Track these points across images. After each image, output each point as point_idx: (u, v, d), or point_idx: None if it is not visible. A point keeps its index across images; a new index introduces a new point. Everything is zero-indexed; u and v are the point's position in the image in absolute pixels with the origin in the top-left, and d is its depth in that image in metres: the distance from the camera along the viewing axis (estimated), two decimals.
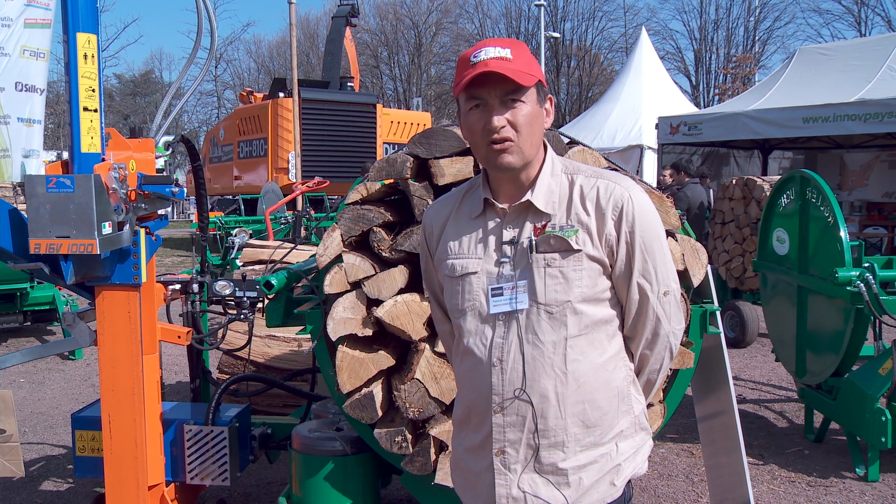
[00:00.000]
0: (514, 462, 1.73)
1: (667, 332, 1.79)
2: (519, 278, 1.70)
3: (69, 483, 4.38)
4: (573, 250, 1.69)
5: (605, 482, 1.75)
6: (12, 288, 7.69)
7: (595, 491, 1.73)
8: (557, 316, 1.69)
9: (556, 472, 1.72)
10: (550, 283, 1.69)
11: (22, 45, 7.88)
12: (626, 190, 1.72)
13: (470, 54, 1.67)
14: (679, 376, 3.10)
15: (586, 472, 1.72)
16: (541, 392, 1.69)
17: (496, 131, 1.65)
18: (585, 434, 1.72)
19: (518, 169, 1.71)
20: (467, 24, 44.52)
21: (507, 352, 1.71)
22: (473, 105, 1.68)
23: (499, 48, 1.65)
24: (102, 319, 2.77)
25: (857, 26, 35.52)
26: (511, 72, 1.62)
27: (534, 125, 1.68)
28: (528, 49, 1.73)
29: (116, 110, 45.08)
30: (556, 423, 1.70)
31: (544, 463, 1.72)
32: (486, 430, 1.75)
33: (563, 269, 1.69)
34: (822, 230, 4.75)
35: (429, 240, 1.91)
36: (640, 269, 1.72)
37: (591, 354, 1.72)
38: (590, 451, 1.73)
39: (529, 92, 1.67)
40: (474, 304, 1.75)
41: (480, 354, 1.74)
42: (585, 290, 1.70)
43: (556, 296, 1.68)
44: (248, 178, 18.07)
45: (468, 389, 1.80)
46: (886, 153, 14.56)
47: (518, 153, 1.68)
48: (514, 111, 1.65)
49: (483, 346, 1.74)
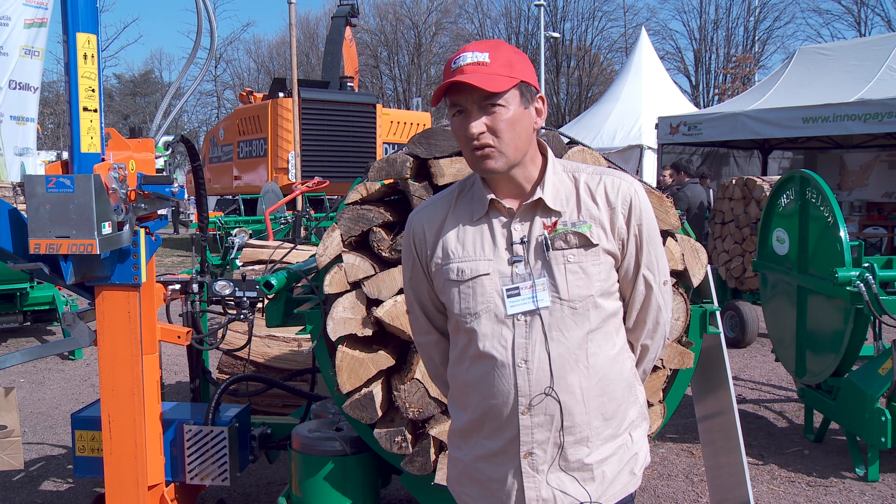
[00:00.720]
0: (541, 463, 1.72)
1: (665, 321, 1.85)
2: (537, 276, 1.70)
3: (69, 483, 4.38)
4: (592, 245, 1.70)
5: (626, 472, 1.78)
6: (12, 288, 7.69)
7: (617, 482, 1.77)
8: (581, 311, 1.70)
9: (582, 467, 1.73)
10: (572, 278, 1.69)
11: (21, 44, 7.88)
12: (630, 185, 1.76)
13: (452, 60, 1.67)
14: (679, 376, 3.10)
15: (608, 464, 1.75)
16: (567, 388, 1.70)
17: (475, 138, 1.65)
18: (605, 426, 1.74)
19: (502, 172, 1.70)
20: (467, 24, 44.58)
21: (531, 351, 1.69)
22: (456, 111, 1.69)
23: (477, 53, 1.64)
24: (102, 319, 2.77)
25: (856, 26, 35.57)
26: (484, 79, 1.60)
27: (516, 128, 1.66)
28: (510, 49, 1.69)
29: (116, 110, 45.09)
30: (581, 419, 1.71)
31: (570, 460, 1.72)
32: (508, 434, 1.72)
33: (582, 263, 1.70)
34: (822, 230, 4.75)
35: (419, 246, 1.85)
36: (646, 261, 1.77)
37: (606, 346, 1.74)
38: (609, 443, 1.75)
39: (509, 95, 1.65)
40: (489, 307, 1.72)
41: (501, 357, 1.70)
42: (603, 284, 1.72)
43: (579, 291, 1.69)
44: (248, 178, 18.07)
45: (482, 395, 1.74)
46: (886, 153, 14.57)
47: (500, 157, 1.67)
48: (493, 116, 1.64)
49: (503, 347, 1.71)
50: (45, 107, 33.89)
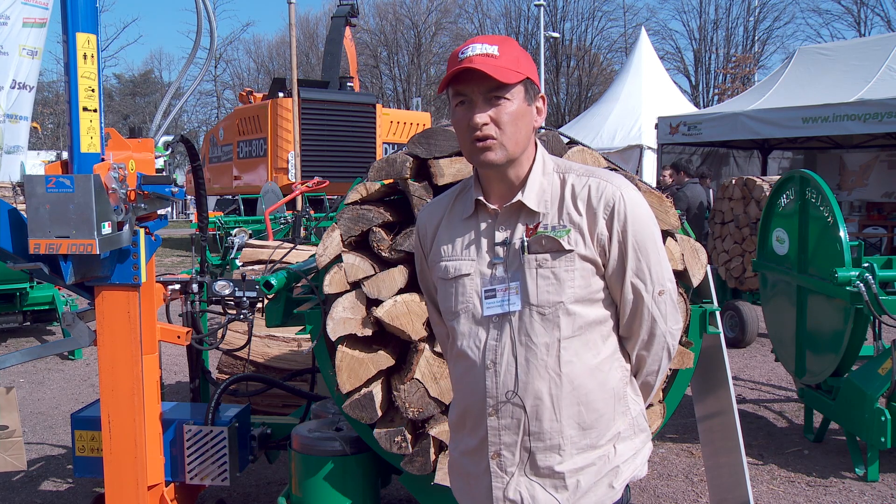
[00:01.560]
0: (510, 465, 1.72)
1: (663, 332, 1.77)
2: (511, 280, 1.69)
3: (69, 483, 4.38)
4: (564, 251, 1.67)
5: (604, 484, 1.73)
6: (12, 288, 7.69)
7: (593, 494, 1.72)
8: (550, 317, 1.67)
9: (553, 475, 1.71)
10: (542, 283, 1.67)
11: (20, 44, 7.88)
12: (617, 188, 1.70)
13: (459, 50, 1.66)
14: (679, 376, 3.10)
15: (583, 474, 1.71)
16: (535, 394, 1.68)
17: (478, 128, 1.64)
18: (581, 436, 1.71)
19: (501, 166, 1.69)
20: (467, 24, 44.56)
21: (500, 354, 1.70)
22: (459, 101, 1.68)
23: (486, 45, 1.64)
24: (102, 319, 2.77)
25: (856, 26, 35.57)
26: (494, 69, 1.61)
27: (519, 123, 1.66)
28: (518, 46, 1.71)
29: (116, 110, 45.06)
30: (550, 426, 1.69)
31: (540, 466, 1.71)
32: (481, 433, 1.75)
33: (554, 269, 1.67)
34: (822, 230, 4.75)
35: (423, 242, 1.90)
36: (633, 268, 1.70)
37: (586, 356, 1.70)
38: (586, 453, 1.72)
39: (515, 89, 1.65)
40: (468, 307, 1.74)
41: (474, 357, 1.73)
42: (578, 291, 1.68)
43: (549, 297, 1.67)
44: (248, 178, 18.07)
45: (463, 393, 1.79)
46: (886, 153, 14.56)
47: (500, 150, 1.66)
48: (498, 108, 1.64)
49: (477, 348, 1.73)
50: (44, 107, 33.89)
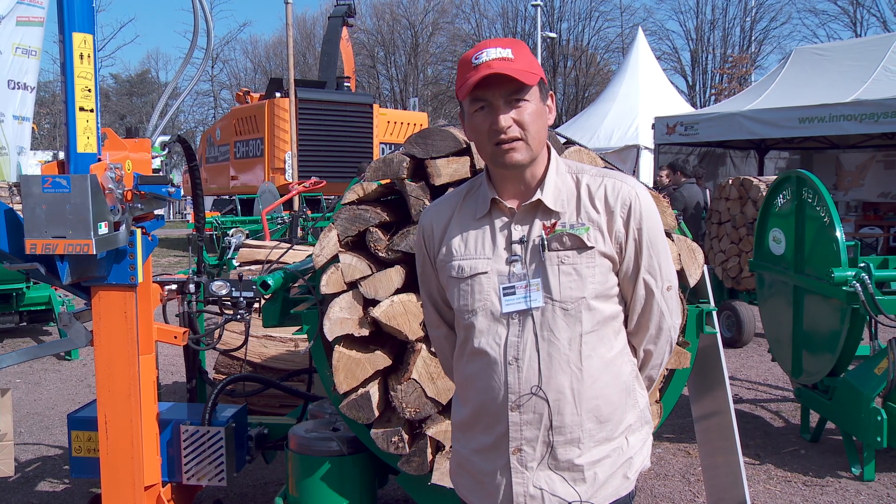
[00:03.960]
0: (530, 460, 1.74)
1: (669, 327, 1.85)
2: (532, 276, 1.73)
3: (65, 484, 4.37)
4: (587, 247, 1.72)
5: (619, 475, 1.79)
6: (8, 288, 7.68)
7: (609, 485, 1.77)
8: (573, 312, 1.71)
9: (572, 468, 1.74)
10: (565, 280, 1.71)
11: (14, 42, 7.85)
12: (632, 188, 1.77)
13: (471, 56, 1.69)
14: (675, 376, 3.11)
15: (601, 466, 1.76)
16: (557, 388, 1.72)
17: (503, 132, 1.68)
18: (599, 429, 1.75)
19: (525, 166, 1.73)
20: (464, 25, 44.55)
21: (522, 350, 1.73)
22: (479, 107, 1.71)
23: (500, 48, 1.68)
24: (99, 320, 2.77)
25: (852, 27, 35.62)
26: (515, 72, 1.65)
27: (539, 122, 1.72)
28: (527, 48, 1.75)
29: (113, 110, 44.99)
30: (572, 420, 1.73)
31: (560, 459, 1.74)
32: (500, 429, 1.76)
33: (576, 265, 1.72)
34: (818, 230, 4.75)
35: (428, 242, 1.91)
36: (646, 265, 1.77)
37: (601, 350, 1.75)
38: (603, 445, 1.76)
39: (533, 90, 1.70)
40: (485, 304, 1.76)
41: (494, 354, 1.75)
42: (598, 287, 1.73)
43: (571, 293, 1.71)
44: (245, 178, 18.05)
45: (478, 390, 1.80)
46: (882, 153, 14.58)
47: (525, 150, 1.71)
48: (520, 110, 1.68)
49: (497, 345, 1.75)
50: (41, 106, 33.82)
